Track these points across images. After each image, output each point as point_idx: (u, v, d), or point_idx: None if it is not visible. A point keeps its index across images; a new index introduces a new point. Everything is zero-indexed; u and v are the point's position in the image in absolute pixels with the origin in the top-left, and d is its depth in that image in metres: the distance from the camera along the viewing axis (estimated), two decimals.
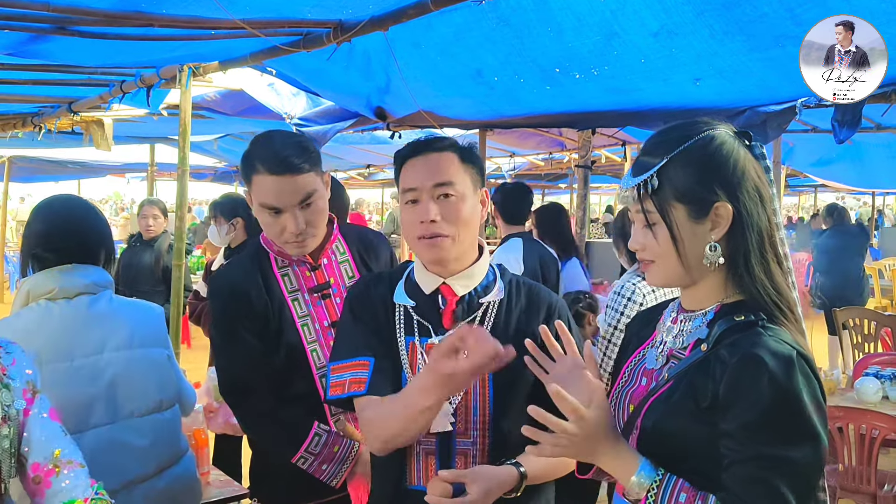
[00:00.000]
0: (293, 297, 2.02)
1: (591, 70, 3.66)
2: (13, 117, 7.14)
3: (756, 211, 1.26)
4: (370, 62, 4.09)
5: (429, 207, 1.61)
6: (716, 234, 1.26)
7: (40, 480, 1.59)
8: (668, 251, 1.28)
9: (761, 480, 1.15)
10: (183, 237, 4.33)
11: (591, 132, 6.00)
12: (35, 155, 11.41)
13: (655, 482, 1.20)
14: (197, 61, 4.23)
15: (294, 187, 1.90)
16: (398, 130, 5.76)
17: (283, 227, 1.93)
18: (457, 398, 1.61)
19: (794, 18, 2.79)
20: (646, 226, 1.30)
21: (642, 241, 1.31)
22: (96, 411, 1.99)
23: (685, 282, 1.31)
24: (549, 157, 9.84)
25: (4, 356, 1.65)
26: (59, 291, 2.01)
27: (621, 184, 1.35)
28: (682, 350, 1.31)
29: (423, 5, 2.90)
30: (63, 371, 1.96)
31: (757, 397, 1.15)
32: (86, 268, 2.07)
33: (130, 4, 3.07)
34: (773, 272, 1.27)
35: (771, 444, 1.15)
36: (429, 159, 1.65)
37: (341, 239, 2.12)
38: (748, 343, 1.19)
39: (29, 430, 1.62)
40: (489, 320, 1.66)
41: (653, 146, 1.31)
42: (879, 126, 5.60)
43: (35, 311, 2.00)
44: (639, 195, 1.29)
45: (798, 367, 1.17)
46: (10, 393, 1.60)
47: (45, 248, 2.04)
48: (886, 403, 3.90)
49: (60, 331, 1.99)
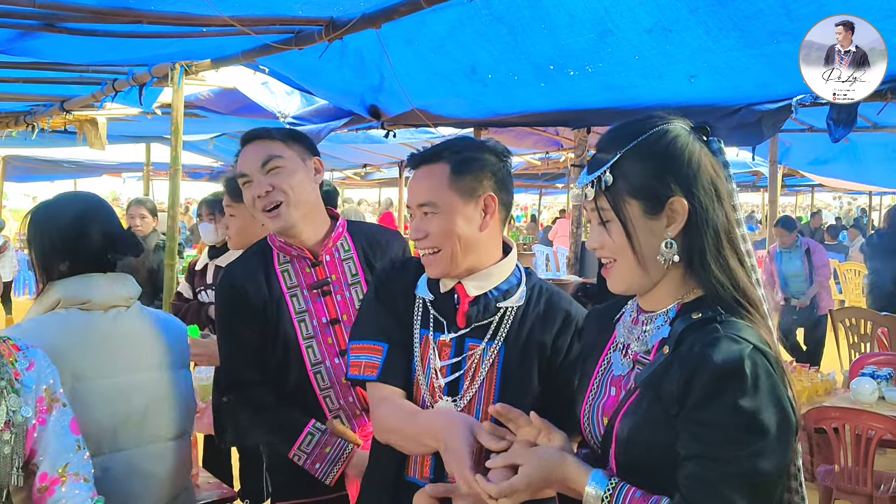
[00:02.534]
0: (292, 293, 2.03)
1: (586, 67, 3.64)
2: (5, 116, 7.13)
3: (712, 206, 1.22)
4: (363, 60, 4.07)
5: (416, 226, 1.64)
6: (672, 231, 1.23)
7: (45, 490, 1.59)
8: (624, 249, 1.24)
9: (706, 481, 1.13)
10: (175, 237, 4.30)
11: (586, 131, 5.97)
12: (30, 154, 11.40)
13: (608, 489, 1.20)
14: (189, 59, 4.21)
15: (258, 152, 1.99)
16: (392, 129, 5.74)
17: (253, 195, 1.98)
18: (462, 401, 1.61)
19: (790, 15, 2.77)
20: (600, 223, 1.26)
21: (598, 238, 1.28)
22: (123, 434, 1.90)
23: (645, 284, 1.27)
24: (545, 156, 9.84)
25: (21, 360, 1.62)
26: (96, 303, 1.90)
27: (577, 182, 1.31)
28: (647, 354, 1.28)
29: (415, 2, 2.88)
30: (99, 389, 1.87)
31: (703, 397, 1.13)
32: (120, 277, 1.97)
33: (119, 1, 3.04)
34: (732, 268, 1.23)
35: (719, 444, 1.13)
36: (420, 174, 1.66)
37: (347, 236, 2.12)
38: (702, 342, 1.16)
39: (45, 441, 1.60)
40: (505, 326, 1.64)
41: (607, 142, 1.27)
42: (875, 125, 5.59)
43: (65, 321, 1.87)
44: (594, 192, 1.26)
45: (750, 364, 1.13)
46: (19, 398, 1.57)
47: (80, 251, 1.89)
48: (882, 404, 3.88)
49: (96, 346, 1.88)
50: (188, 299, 3.77)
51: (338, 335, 2.03)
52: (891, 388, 3.99)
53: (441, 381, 1.62)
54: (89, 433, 1.80)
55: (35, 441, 1.60)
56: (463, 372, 1.62)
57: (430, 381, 1.63)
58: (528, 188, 20.59)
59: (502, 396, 1.59)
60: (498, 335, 1.63)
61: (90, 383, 1.86)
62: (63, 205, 1.99)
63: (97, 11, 3.07)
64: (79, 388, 1.82)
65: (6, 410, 1.55)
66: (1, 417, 1.54)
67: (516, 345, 1.61)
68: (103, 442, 1.85)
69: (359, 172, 14.35)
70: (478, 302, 1.65)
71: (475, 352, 1.62)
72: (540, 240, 14.83)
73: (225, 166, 13.02)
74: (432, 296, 1.69)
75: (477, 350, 1.62)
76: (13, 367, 1.60)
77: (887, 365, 4.32)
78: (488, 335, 1.63)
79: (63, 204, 2.00)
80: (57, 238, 1.90)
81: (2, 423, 1.54)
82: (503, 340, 1.63)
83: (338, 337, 2.03)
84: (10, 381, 1.57)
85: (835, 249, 12.71)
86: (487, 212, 1.66)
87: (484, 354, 1.62)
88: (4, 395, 1.56)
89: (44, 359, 1.66)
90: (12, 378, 1.58)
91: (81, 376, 1.84)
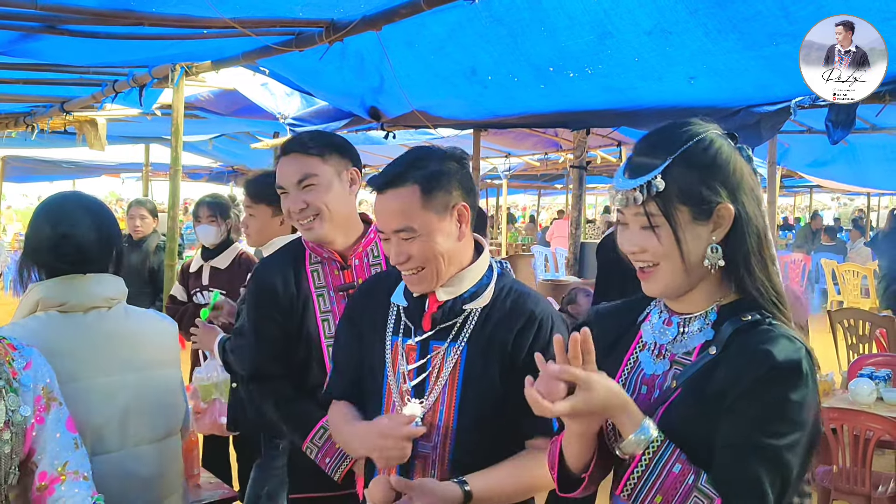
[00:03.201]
0: (319, 293, 2.09)
1: (586, 69, 3.65)
2: (5, 117, 7.13)
3: (755, 212, 1.27)
4: (363, 61, 4.07)
5: (395, 250, 1.63)
6: (717, 235, 1.26)
7: (45, 489, 1.59)
8: (672, 253, 1.26)
9: (740, 464, 1.17)
10: (176, 237, 4.30)
11: (585, 132, 5.99)
12: (29, 155, 11.40)
13: (655, 442, 1.20)
14: (189, 61, 4.22)
15: (294, 167, 2.03)
16: (392, 130, 5.74)
17: (288, 209, 2.06)
18: (428, 402, 1.64)
19: (788, 17, 2.78)
20: (647, 228, 1.27)
21: (641, 243, 1.28)
22: (107, 436, 1.88)
23: (683, 287, 1.30)
24: (544, 157, 9.84)
25: (18, 359, 1.62)
26: (73, 305, 1.89)
27: (616, 185, 1.31)
28: (688, 355, 1.30)
29: (416, 4, 2.88)
30: (76, 392, 1.82)
31: (754, 390, 1.18)
32: (101, 278, 1.94)
33: (120, 3, 3.05)
34: (770, 272, 1.27)
35: (760, 432, 1.17)
36: (390, 198, 1.63)
37: (378, 243, 2.13)
38: (758, 340, 1.21)
39: (44, 440, 1.60)
40: (468, 328, 1.66)
41: (649, 147, 1.29)
42: (874, 127, 5.60)
43: (44, 324, 1.86)
44: (642, 197, 1.26)
45: (806, 364, 1.19)
46: (18, 397, 1.58)
47: (56, 255, 1.88)
48: (881, 405, 3.88)
49: (73, 348, 1.86)
50: (183, 302, 3.76)
51: None
52: (889, 388, 3.99)
53: (408, 384, 1.66)
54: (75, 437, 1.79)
55: (34, 440, 1.60)
56: (427, 374, 1.65)
57: (399, 385, 1.68)
58: (527, 189, 20.61)
59: (464, 396, 1.63)
60: (460, 336, 1.65)
61: (72, 385, 1.81)
62: (49, 206, 1.97)
63: (99, 13, 3.07)
64: (63, 390, 1.77)
65: (5, 410, 1.55)
66: (0, 417, 1.54)
67: (478, 345, 1.63)
68: (88, 445, 1.80)
69: None
70: (444, 305, 1.67)
71: (438, 353, 1.65)
72: (538, 240, 14.85)
73: (224, 167, 13.02)
74: (406, 303, 1.72)
75: (440, 351, 1.65)
76: (10, 366, 1.59)
77: (885, 366, 4.32)
78: (451, 336, 1.66)
79: (49, 205, 1.98)
80: (36, 239, 1.90)
81: (1, 423, 1.54)
82: (465, 341, 1.65)
83: None
84: (9, 380, 1.57)
85: (833, 250, 12.72)
86: (462, 221, 1.67)
87: (447, 356, 1.65)
88: (3, 395, 1.56)
89: (40, 357, 1.66)
90: (10, 377, 1.58)
91: (64, 379, 1.79)
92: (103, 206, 2.05)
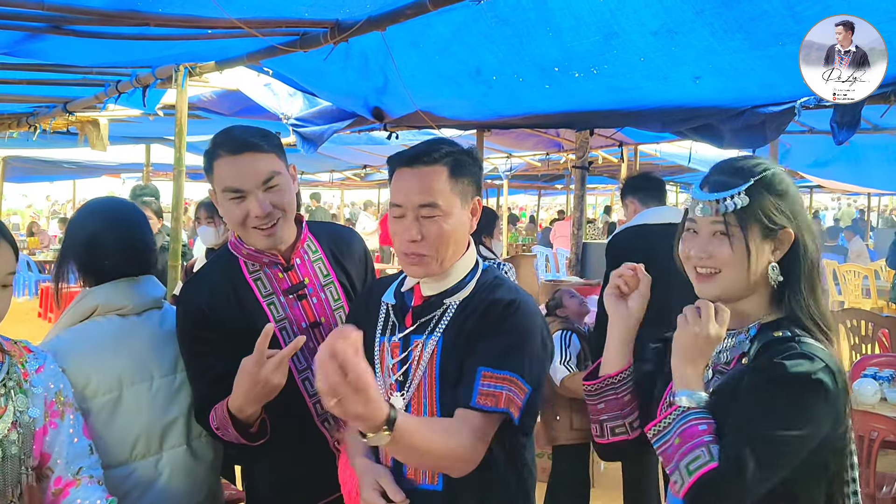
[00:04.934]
0: (269, 301, 1.95)
1: (591, 69, 3.65)
2: (8, 117, 7.12)
3: (811, 243, 1.46)
4: (367, 62, 4.07)
5: (412, 227, 1.62)
6: (775, 256, 1.45)
7: (59, 493, 1.62)
8: (741, 262, 1.43)
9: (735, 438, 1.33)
10: (179, 238, 4.30)
11: (589, 133, 5.98)
12: (30, 155, 11.37)
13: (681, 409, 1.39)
14: (193, 61, 4.21)
15: (255, 167, 1.86)
16: (395, 131, 5.74)
17: (247, 212, 1.86)
18: (409, 392, 1.65)
19: (795, 16, 2.78)
20: (720, 236, 1.44)
21: (711, 250, 1.45)
22: (174, 432, 1.94)
23: (738, 295, 1.46)
24: (546, 157, 9.84)
25: (31, 361, 1.64)
26: (131, 308, 1.93)
27: (695, 196, 1.49)
28: (727, 365, 1.47)
29: (421, 5, 2.88)
30: (145, 392, 1.90)
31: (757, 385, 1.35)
32: (151, 279, 2.00)
33: (126, 3, 3.05)
34: (817, 295, 1.45)
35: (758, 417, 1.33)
36: (418, 174, 1.63)
37: (312, 238, 2.06)
38: (776, 353, 1.36)
39: (59, 445, 1.62)
40: (445, 320, 1.67)
41: (731, 169, 1.48)
42: (877, 127, 5.59)
43: (105, 328, 1.90)
44: (724, 208, 1.44)
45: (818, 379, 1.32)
46: (27, 399, 1.60)
47: (120, 259, 1.92)
48: (885, 405, 3.88)
49: (139, 350, 1.91)
50: None
51: (319, 339, 1.94)
52: (893, 389, 3.99)
53: (391, 378, 1.69)
54: (139, 436, 1.86)
55: (48, 445, 1.62)
56: (408, 366, 1.67)
57: (385, 381, 1.69)
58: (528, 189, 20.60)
59: (442, 387, 1.64)
60: (437, 329, 1.67)
61: (138, 387, 1.89)
62: (103, 212, 2.00)
63: (105, 14, 3.07)
64: (127, 393, 1.87)
65: (14, 410, 1.57)
66: (9, 417, 1.56)
67: (452, 336, 1.65)
68: (152, 443, 1.90)
69: (358, 173, 14.33)
70: (427, 300, 1.69)
71: (417, 346, 1.67)
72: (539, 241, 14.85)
73: None
74: (395, 301, 1.73)
75: (419, 344, 1.67)
76: (23, 367, 1.62)
77: (889, 366, 4.32)
78: (428, 329, 1.67)
79: (102, 212, 2.01)
80: (93, 246, 1.92)
81: (10, 423, 1.55)
82: (441, 333, 1.66)
83: (319, 341, 1.90)
84: (19, 381, 1.60)
85: (834, 251, 12.73)
86: (474, 214, 1.71)
87: (424, 348, 1.66)
88: (12, 396, 1.58)
89: (53, 364, 1.69)
90: (21, 379, 1.60)
91: (129, 381, 1.88)
92: (140, 211, 2.10)
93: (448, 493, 1.62)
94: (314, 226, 2.12)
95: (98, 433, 1.81)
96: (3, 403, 1.56)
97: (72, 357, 1.82)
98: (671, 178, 14.52)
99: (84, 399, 1.81)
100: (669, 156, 9.51)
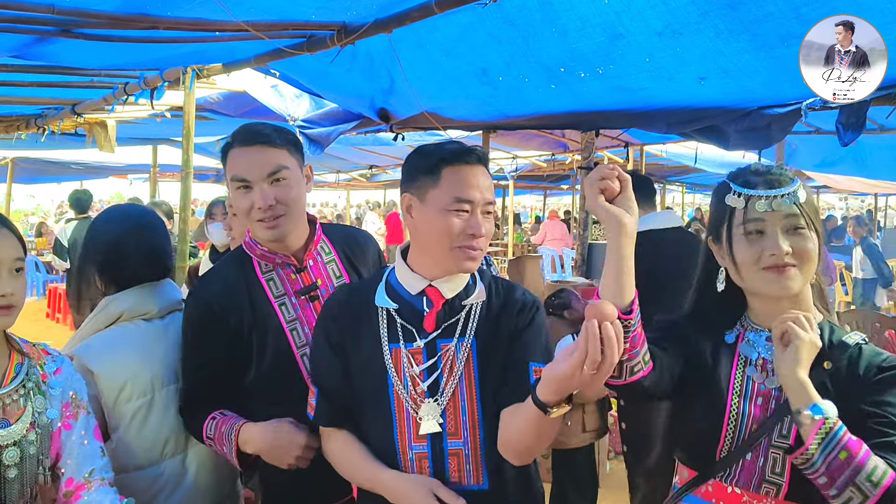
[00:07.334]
0: (280, 302, 1.95)
1: (597, 69, 3.66)
2: (17, 119, 7.16)
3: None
4: (373, 64, 4.09)
5: (482, 225, 1.63)
6: None
7: (71, 494, 1.63)
8: (815, 257, 1.50)
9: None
10: (187, 239, 4.33)
11: (594, 133, 5.98)
12: (38, 156, 11.44)
13: (830, 422, 1.37)
14: (200, 63, 4.24)
15: (263, 159, 1.88)
16: (401, 132, 5.76)
17: (252, 203, 1.89)
18: (444, 399, 1.63)
19: (800, 18, 2.78)
20: (797, 230, 1.49)
21: (795, 243, 1.49)
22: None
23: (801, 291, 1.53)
24: (551, 158, 9.86)
25: (49, 364, 1.67)
26: (156, 312, 1.98)
27: (758, 193, 1.51)
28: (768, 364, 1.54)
29: (427, 7, 2.90)
30: (173, 393, 1.96)
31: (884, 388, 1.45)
32: (170, 284, 2.05)
33: (135, 7, 3.07)
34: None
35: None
36: (481, 172, 1.66)
37: (326, 239, 2.07)
38: (877, 357, 1.51)
39: (71, 446, 1.64)
40: (473, 322, 1.68)
41: (765, 171, 1.54)
42: (883, 128, 5.58)
43: (133, 332, 1.94)
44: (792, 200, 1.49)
45: None
46: (45, 400, 1.62)
47: (145, 265, 1.97)
48: None
49: (166, 352, 1.96)
50: None
51: None
52: None
53: (422, 385, 1.64)
54: (168, 437, 1.92)
55: (61, 446, 1.64)
56: (440, 371, 1.65)
57: (409, 390, 1.65)
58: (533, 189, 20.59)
59: (483, 387, 1.64)
60: (468, 331, 1.66)
61: (167, 388, 1.94)
62: (124, 219, 2.04)
63: (114, 17, 3.09)
64: (158, 395, 1.91)
65: (32, 411, 1.59)
66: (28, 418, 1.58)
67: (486, 337, 1.66)
68: (179, 442, 1.95)
69: (364, 174, 14.36)
70: (447, 303, 1.68)
71: (448, 350, 1.65)
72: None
73: None
74: (396, 305, 1.69)
75: (450, 348, 1.65)
76: (41, 369, 1.64)
77: None
78: (458, 332, 1.66)
79: (123, 218, 2.04)
80: (116, 253, 1.97)
81: (28, 424, 1.57)
82: (473, 335, 1.66)
83: None
84: (38, 383, 1.62)
85: (841, 251, 12.68)
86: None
87: (457, 352, 1.65)
88: (31, 397, 1.60)
89: (71, 366, 1.71)
90: (39, 380, 1.62)
91: (160, 384, 1.93)
92: (157, 216, 2.14)
93: (494, 491, 1.65)
94: (328, 228, 2.13)
95: (133, 436, 1.86)
96: (23, 404, 1.58)
97: (106, 362, 1.86)
98: (677, 179, 14.51)
99: (119, 403, 1.85)
100: (676, 156, 9.51)
